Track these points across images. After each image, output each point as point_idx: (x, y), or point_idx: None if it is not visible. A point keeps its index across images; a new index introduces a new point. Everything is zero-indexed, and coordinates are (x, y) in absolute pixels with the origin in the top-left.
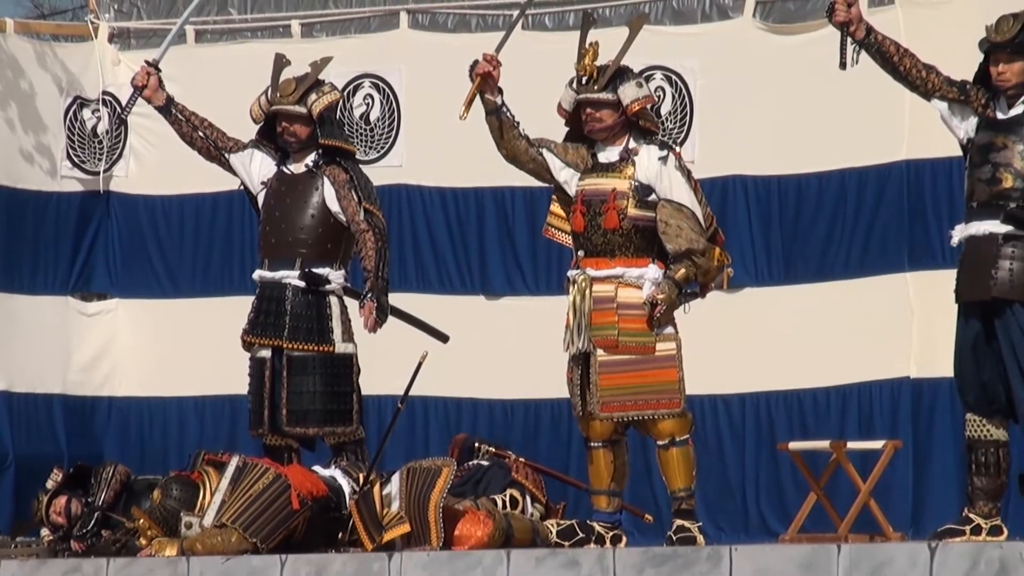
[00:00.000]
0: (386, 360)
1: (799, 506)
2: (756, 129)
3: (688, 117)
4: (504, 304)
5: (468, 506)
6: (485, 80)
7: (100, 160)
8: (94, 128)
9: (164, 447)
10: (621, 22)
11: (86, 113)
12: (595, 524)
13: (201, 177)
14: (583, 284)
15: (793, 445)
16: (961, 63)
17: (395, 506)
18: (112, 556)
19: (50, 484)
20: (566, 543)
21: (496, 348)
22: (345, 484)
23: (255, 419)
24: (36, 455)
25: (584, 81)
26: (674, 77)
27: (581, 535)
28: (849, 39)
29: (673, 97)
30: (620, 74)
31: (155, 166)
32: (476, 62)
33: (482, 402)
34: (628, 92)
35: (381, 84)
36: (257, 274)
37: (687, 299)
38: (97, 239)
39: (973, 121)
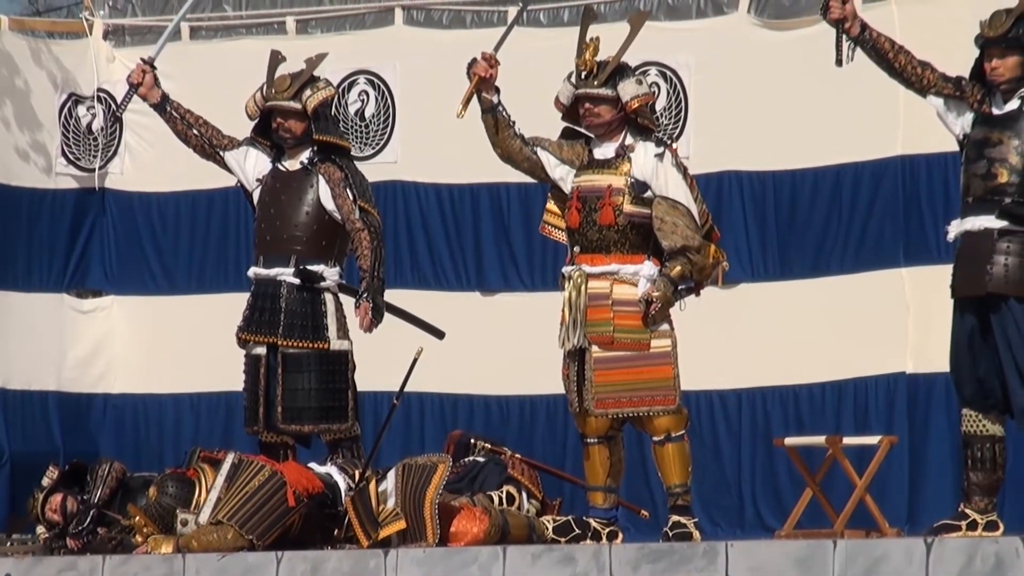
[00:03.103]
0: (381, 356)
1: (795, 502)
2: (751, 124)
3: (683, 113)
4: (500, 300)
5: (464, 502)
6: (483, 80)
7: (95, 157)
8: (89, 125)
9: (160, 444)
10: (617, 18)
11: (81, 110)
12: (591, 520)
13: (196, 174)
14: (579, 280)
15: (789, 440)
16: (956, 59)
17: (391, 503)
18: (108, 553)
19: (46, 481)
20: (562, 539)
21: (492, 344)
22: (341, 481)
23: (250, 416)
24: (31, 452)
25: (584, 76)
26: (669, 73)
27: (577, 531)
28: (844, 36)
29: (668, 93)
30: (620, 70)
31: (150, 163)
32: (474, 60)
33: (478, 398)
34: (628, 89)
35: (376, 80)
36: (252, 271)
37: (681, 296)
38: (92, 236)
39: (969, 117)
